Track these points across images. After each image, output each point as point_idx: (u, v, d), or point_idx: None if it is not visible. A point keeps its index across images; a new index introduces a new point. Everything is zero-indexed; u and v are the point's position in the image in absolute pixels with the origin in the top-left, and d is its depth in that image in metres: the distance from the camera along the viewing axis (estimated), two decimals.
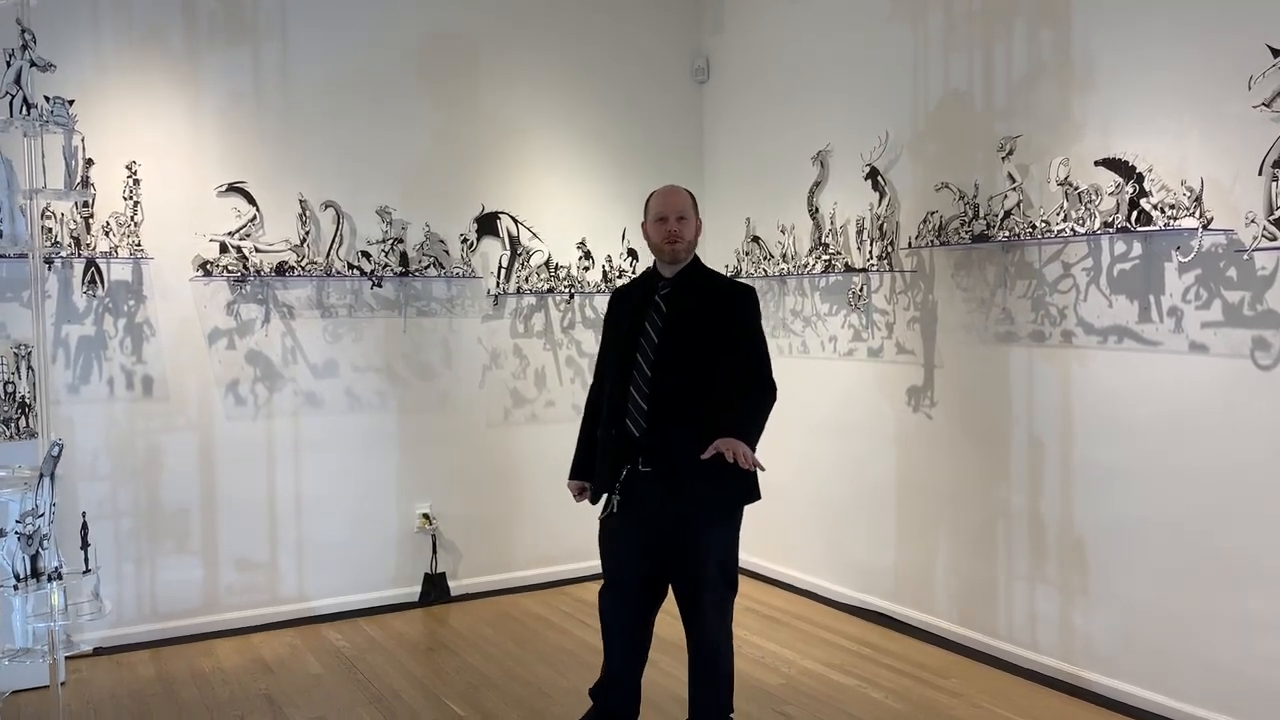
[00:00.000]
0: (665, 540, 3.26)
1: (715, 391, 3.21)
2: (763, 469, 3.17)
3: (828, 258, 4.98)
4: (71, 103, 3.41)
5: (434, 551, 5.29)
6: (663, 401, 3.20)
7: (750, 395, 3.27)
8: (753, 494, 3.30)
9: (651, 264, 3.48)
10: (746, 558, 5.73)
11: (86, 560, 3.06)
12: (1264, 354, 3.32)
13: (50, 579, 2.78)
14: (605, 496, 3.33)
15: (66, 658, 3.92)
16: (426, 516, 5.29)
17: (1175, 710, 3.59)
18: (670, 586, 3.37)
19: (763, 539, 5.63)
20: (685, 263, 3.36)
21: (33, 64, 3.19)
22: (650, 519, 3.26)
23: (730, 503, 3.29)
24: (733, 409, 3.20)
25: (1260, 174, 3.24)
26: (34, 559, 2.74)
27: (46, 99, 3.27)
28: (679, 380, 3.21)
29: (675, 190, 3.38)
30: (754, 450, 3.15)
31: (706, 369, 3.22)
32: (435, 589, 5.28)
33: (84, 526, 3.15)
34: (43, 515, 2.78)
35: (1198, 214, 3.41)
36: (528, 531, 5.53)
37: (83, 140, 3.89)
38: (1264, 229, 3.20)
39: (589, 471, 3.45)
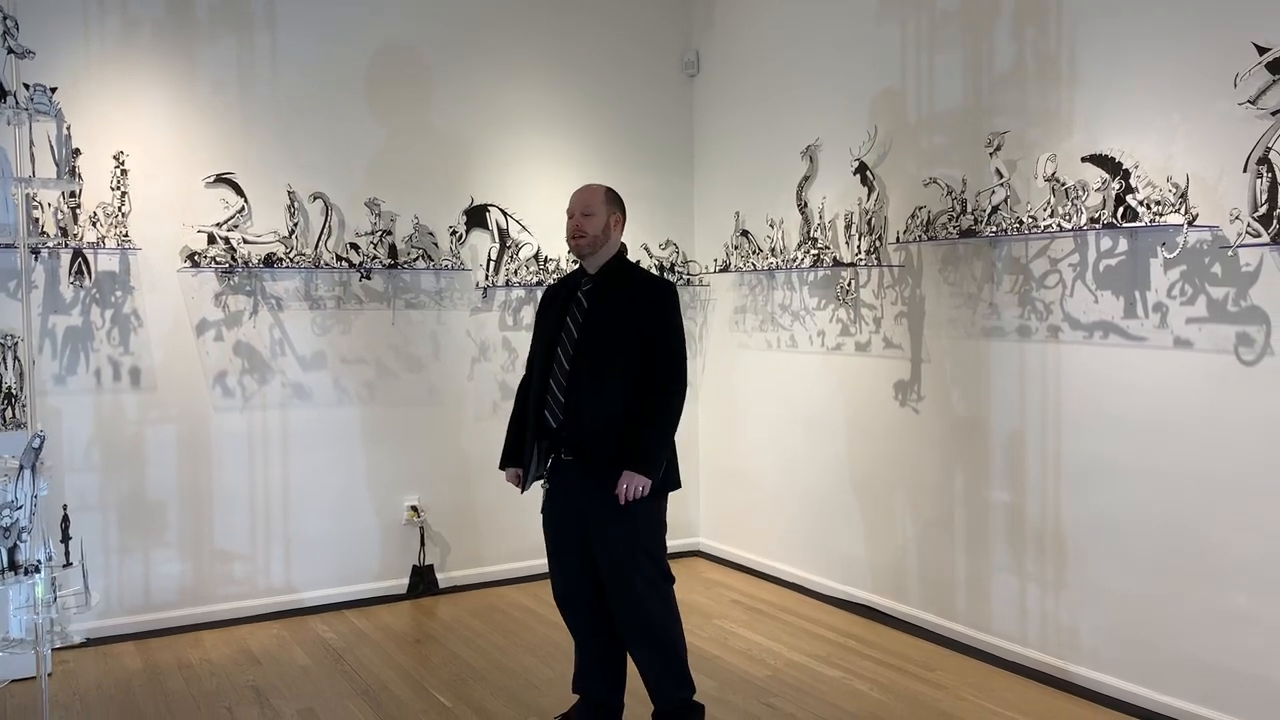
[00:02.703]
0: (591, 528, 3.35)
1: (631, 383, 3.28)
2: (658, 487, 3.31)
3: (816, 252, 4.98)
4: (54, 90, 3.39)
5: (422, 544, 5.30)
6: (578, 393, 3.30)
7: (653, 404, 3.29)
8: (670, 483, 3.39)
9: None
10: (733, 550, 5.77)
11: (68, 553, 3.06)
12: (1247, 350, 3.34)
13: (29, 572, 2.77)
14: (540, 485, 3.45)
15: (56, 649, 3.91)
16: (414, 509, 5.29)
17: (1157, 702, 3.62)
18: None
19: (749, 532, 5.65)
20: (607, 258, 3.44)
21: (10, 51, 3.16)
22: (579, 505, 3.36)
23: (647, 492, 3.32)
24: (637, 434, 3.26)
25: (1245, 171, 3.24)
26: (12, 551, 2.74)
27: (26, 86, 3.25)
28: (595, 373, 3.30)
29: (585, 188, 3.50)
30: (663, 462, 3.29)
31: (621, 362, 3.29)
32: (423, 581, 5.29)
33: (65, 519, 3.15)
34: (22, 507, 2.77)
35: (1183, 210, 3.42)
36: (515, 524, 5.51)
37: (68, 129, 3.88)
38: (1248, 225, 3.21)
39: (518, 458, 3.53)
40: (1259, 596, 3.32)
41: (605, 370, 3.29)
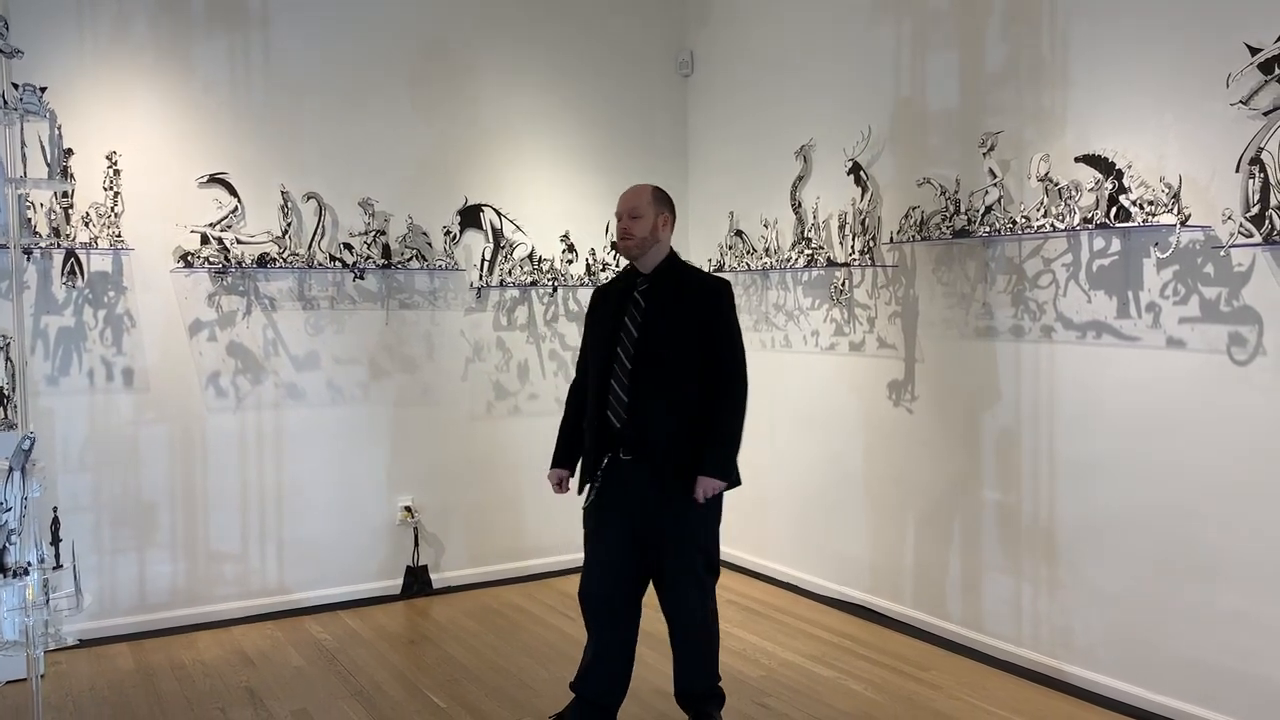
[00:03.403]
0: (647, 526, 3.37)
1: (692, 382, 3.35)
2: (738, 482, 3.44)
3: (810, 252, 4.98)
4: (44, 90, 3.38)
5: (416, 544, 5.29)
6: (642, 393, 3.32)
7: (724, 406, 3.38)
8: (731, 480, 3.42)
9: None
10: (727, 550, 5.75)
11: (58, 555, 3.05)
12: (1240, 349, 3.35)
13: (17, 574, 2.75)
14: (589, 485, 3.45)
15: (49, 651, 3.90)
16: (408, 509, 5.28)
17: (1151, 701, 3.62)
18: (653, 572, 3.45)
19: (743, 532, 5.65)
20: (659, 258, 3.47)
21: None
22: (633, 505, 3.37)
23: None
24: (710, 443, 3.33)
25: (1237, 171, 3.25)
26: (1, 553, 2.72)
27: (15, 86, 3.23)
28: (657, 372, 3.33)
29: (632, 189, 3.51)
30: (735, 466, 3.39)
31: (682, 361, 3.35)
32: (417, 581, 5.28)
33: (55, 521, 3.13)
34: (11, 510, 2.75)
35: (1176, 210, 3.43)
36: (510, 524, 5.53)
37: (60, 129, 3.86)
38: (1241, 226, 3.22)
39: (569, 461, 3.59)
40: (1253, 596, 3.33)
41: (666, 369, 3.33)
